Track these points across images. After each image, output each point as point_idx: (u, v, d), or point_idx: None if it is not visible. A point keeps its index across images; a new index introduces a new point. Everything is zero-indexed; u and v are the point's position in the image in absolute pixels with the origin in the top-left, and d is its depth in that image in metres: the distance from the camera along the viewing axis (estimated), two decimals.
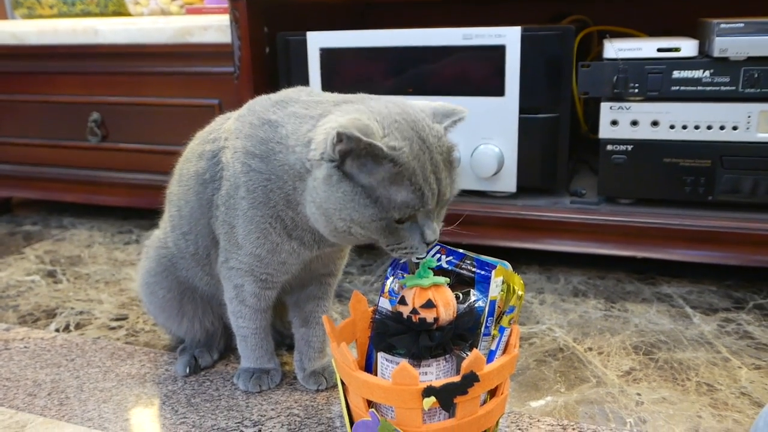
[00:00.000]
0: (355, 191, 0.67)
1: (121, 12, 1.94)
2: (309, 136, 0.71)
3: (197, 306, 0.95)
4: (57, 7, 1.97)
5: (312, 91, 0.80)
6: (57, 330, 1.11)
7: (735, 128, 1.09)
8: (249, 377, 0.90)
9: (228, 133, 0.82)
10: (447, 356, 0.68)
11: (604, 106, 1.15)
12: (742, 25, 1.05)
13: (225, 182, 0.81)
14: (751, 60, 1.06)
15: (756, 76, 1.06)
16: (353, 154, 0.66)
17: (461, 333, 0.68)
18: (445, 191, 0.70)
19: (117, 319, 1.14)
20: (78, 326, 1.12)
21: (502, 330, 0.70)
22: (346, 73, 1.28)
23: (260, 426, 0.82)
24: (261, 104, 0.80)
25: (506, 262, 0.73)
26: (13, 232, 1.65)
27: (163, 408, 0.87)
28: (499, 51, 1.17)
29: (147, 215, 1.64)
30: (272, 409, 0.86)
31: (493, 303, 0.70)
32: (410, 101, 0.74)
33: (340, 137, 0.65)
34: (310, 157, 0.70)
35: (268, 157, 0.75)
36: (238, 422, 0.83)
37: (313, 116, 0.73)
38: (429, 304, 0.66)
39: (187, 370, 0.94)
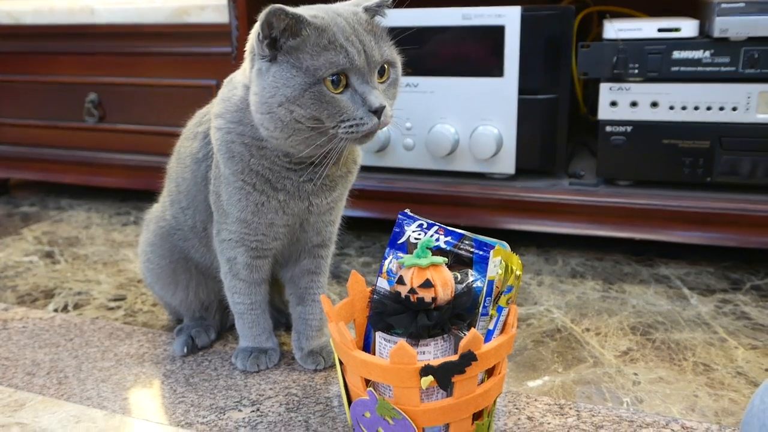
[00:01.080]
0: (281, 68, 0.71)
1: None
2: (246, 67, 0.77)
3: (191, 276, 0.97)
4: None
5: None
6: (55, 310, 1.11)
7: (734, 109, 1.09)
8: (247, 356, 0.90)
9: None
10: (445, 336, 0.68)
11: (604, 87, 1.15)
12: (742, 4, 1.04)
13: (213, 156, 0.84)
14: (752, 40, 1.05)
15: (756, 56, 1.06)
16: (280, 36, 0.70)
17: (459, 312, 0.68)
18: (372, 53, 0.73)
19: (115, 300, 1.14)
20: (76, 306, 1.12)
21: (500, 310, 0.70)
22: None
23: (258, 405, 0.82)
24: (232, 75, 0.85)
25: (504, 243, 0.73)
26: (10, 213, 1.65)
27: (162, 387, 0.87)
28: (498, 31, 1.16)
29: (145, 197, 1.63)
30: (270, 389, 0.86)
31: (491, 283, 0.70)
32: None
33: (267, 19, 0.69)
34: (246, 74, 0.76)
35: (227, 111, 0.80)
36: (237, 401, 0.83)
37: None
38: (427, 284, 0.66)
39: (185, 350, 0.94)
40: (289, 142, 0.75)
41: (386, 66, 0.75)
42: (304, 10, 0.73)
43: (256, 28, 0.72)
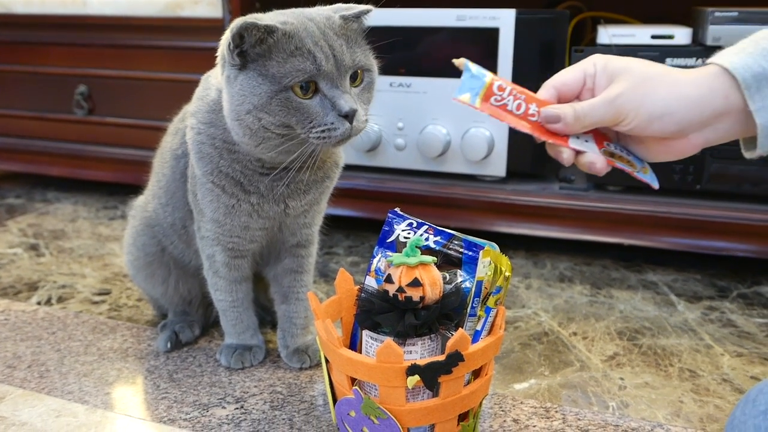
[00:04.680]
0: (248, 77, 0.70)
1: None
2: (218, 71, 0.76)
3: (170, 271, 0.96)
4: None
5: None
6: (39, 303, 1.10)
7: None
8: (231, 353, 0.90)
9: None
10: (432, 335, 0.67)
11: None
12: (735, 14, 1.05)
13: (189, 154, 0.83)
14: None
15: None
16: (249, 46, 0.69)
17: (447, 312, 0.67)
18: (342, 57, 0.71)
19: (100, 294, 1.13)
20: (60, 300, 1.11)
21: (488, 311, 0.70)
22: None
23: (242, 402, 0.82)
24: (209, 72, 0.84)
25: (494, 244, 0.72)
26: None
27: (145, 383, 0.86)
28: (492, 33, 1.16)
29: (133, 191, 1.62)
30: (255, 386, 0.85)
31: (479, 283, 0.70)
32: None
33: (239, 32, 0.67)
34: (219, 78, 0.74)
35: (200, 111, 0.79)
36: (220, 398, 0.83)
37: None
38: (415, 283, 0.65)
39: (168, 345, 0.93)
40: (259, 149, 0.74)
41: (359, 71, 0.74)
42: (274, 16, 0.71)
43: (227, 36, 0.70)
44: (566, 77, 0.63)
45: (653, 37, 1.11)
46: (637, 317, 1.04)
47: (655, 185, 0.64)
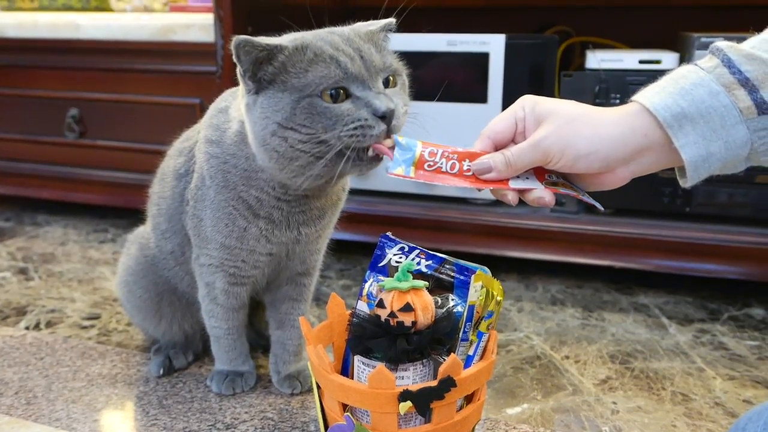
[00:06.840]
0: (267, 96, 0.68)
1: (104, 8, 1.91)
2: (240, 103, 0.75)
3: (176, 309, 0.94)
4: (38, 1, 1.94)
5: None
6: (27, 328, 1.08)
7: None
8: (222, 379, 0.89)
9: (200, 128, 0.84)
10: (424, 360, 0.67)
11: None
12: (721, 39, 1.06)
13: (195, 175, 0.82)
14: None
15: None
16: (257, 68, 0.67)
17: (439, 337, 0.67)
18: (371, 58, 0.67)
19: (89, 319, 1.12)
20: (49, 325, 1.10)
21: (480, 335, 0.70)
22: None
23: (233, 429, 0.81)
24: (221, 96, 0.83)
25: (486, 268, 0.72)
26: None
27: (134, 409, 0.85)
28: (482, 58, 1.17)
29: (124, 214, 1.62)
30: (246, 412, 0.85)
31: (471, 308, 0.69)
32: None
33: (236, 52, 0.66)
34: (241, 110, 0.73)
35: (222, 141, 0.78)
36: (211, 425, 0.82)
37: None
38: (407, 308, 0.65)
39: (161, 371, 0.92)
40: (287, 174, 0.71)
41: (391, 77, 0.70)
42: (283, 38, 0.70)
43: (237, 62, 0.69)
44: (498, 125, 0.64)
45: (641, 62, 1.13)
46: (629, 340, 1.04)
47: (601, 208, 0.66)
